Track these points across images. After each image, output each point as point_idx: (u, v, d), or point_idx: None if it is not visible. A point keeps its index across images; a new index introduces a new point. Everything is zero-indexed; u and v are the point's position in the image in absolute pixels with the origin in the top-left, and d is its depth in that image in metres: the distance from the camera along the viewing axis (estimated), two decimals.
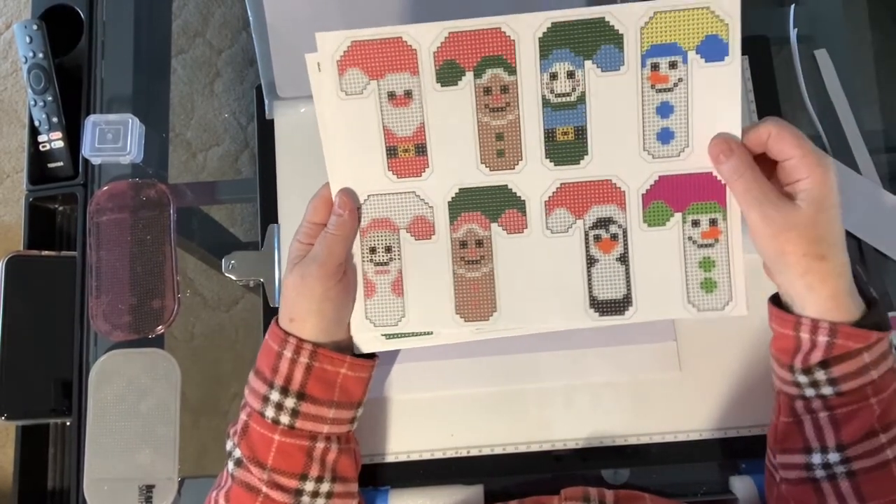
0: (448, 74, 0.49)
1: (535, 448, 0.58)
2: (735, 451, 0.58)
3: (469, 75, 0.49)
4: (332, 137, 0.51)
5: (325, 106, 0.51)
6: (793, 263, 0.45)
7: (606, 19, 0.48)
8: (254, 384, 0.51)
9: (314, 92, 0.51)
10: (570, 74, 0.49)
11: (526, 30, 0.48)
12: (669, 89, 0.48)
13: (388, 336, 0.53)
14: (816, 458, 0.46)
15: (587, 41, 0.48)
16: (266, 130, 0.66)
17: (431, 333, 0.53)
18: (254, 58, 0.68)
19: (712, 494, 0.58)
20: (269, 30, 0.68)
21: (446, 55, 0.49)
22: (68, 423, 0.66)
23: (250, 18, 0.69)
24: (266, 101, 0.66)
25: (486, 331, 0.53)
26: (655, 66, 0.48)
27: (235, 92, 0.75)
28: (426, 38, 0.49)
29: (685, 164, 0.49)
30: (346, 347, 0.53)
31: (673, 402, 0.58)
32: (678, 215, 0.50)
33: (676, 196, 0.50)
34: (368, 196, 0.52)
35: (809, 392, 0.47)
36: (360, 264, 0.53)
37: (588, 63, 0.48)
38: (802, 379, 0.47)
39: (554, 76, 0.49)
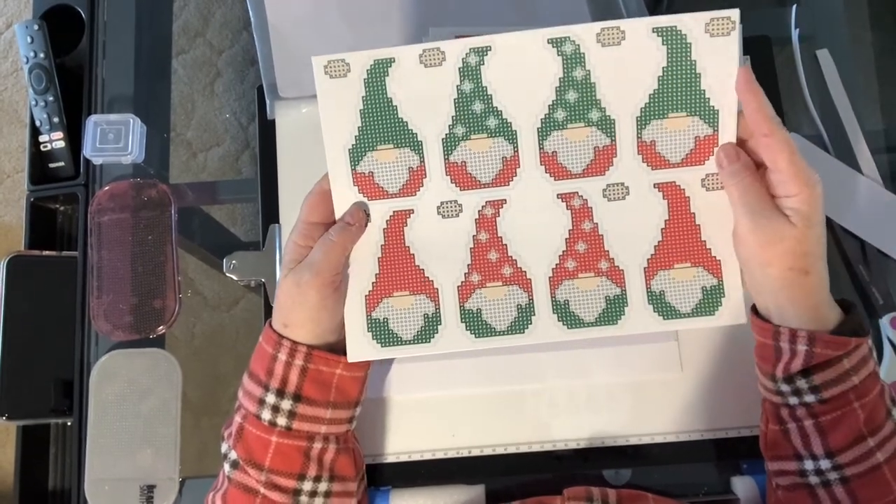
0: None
1: (536, 448, 0.58)
2: (736, 452, 0.58)
3: None
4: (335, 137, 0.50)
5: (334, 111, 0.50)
6: (776, 276, 0.45)
7: None
8: (248, 387, 0.50)
9: (320, 96, 0.50)
10: None
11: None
12: None
13: (385, 344, 0.52)
14: (808, 465, 0.46)
15: None
16: (267, 130, 0.66)
17: (430, 342, 0.52)
18: (255, 58, 0.68)
19: (714, 495, 0.58)
20: (271, 30, 0.68)
21: None
22: (69, 423, 0.66)
23: (251, 18, 0.69)
24: (267, 102, 0.66)
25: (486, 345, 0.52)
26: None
27: (236, 92, 0.74)
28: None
29: None
30: (341, 348, 0.53)
31: (674, 402, 0.58)
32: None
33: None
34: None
35: (793, 400, 0.47)
36: (361, 279, 0.51)
37: None
38: (785, 388, 0.47)
39: None
